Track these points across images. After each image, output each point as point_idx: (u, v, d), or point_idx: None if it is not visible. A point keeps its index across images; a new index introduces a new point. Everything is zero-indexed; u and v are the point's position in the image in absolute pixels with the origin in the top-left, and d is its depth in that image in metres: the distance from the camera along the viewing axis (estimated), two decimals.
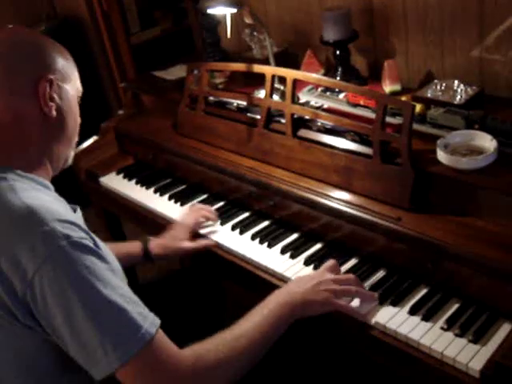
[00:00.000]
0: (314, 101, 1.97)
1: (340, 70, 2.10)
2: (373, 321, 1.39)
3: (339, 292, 1.42)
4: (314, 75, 1.87)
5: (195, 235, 1.83)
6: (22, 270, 1.12)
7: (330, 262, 1.51)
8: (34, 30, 1.40)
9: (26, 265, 1.12)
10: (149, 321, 1.17)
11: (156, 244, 1.79)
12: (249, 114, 1.97)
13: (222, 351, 1.23)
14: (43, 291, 1.12)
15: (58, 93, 1.29)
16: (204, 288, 1.88)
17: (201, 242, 1.80)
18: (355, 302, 1.44)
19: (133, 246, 1.79)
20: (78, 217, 1.34)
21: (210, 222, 1.86)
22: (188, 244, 1.79)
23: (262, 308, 1.36)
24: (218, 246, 1.78)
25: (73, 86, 1.35)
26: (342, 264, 1.58)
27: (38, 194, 1.22)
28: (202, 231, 1.84)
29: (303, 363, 1.91)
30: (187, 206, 1.95)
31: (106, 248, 1.30)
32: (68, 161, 1.42)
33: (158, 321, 1.19)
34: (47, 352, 1.22)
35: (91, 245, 1.18)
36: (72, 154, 1.42)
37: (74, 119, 1.36)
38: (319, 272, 1.49)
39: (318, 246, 1.68)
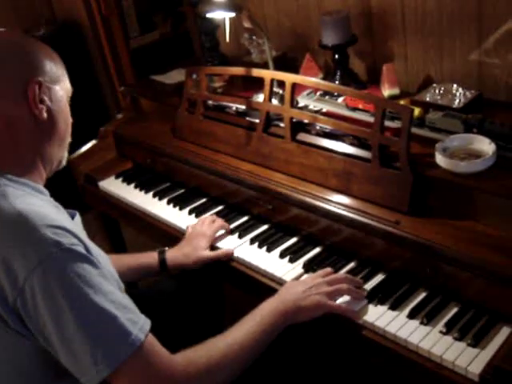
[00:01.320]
0: (313, 105, 1.97)
1: (339, 73, 2.10)
2: (372, 324, 1.39)
3: (330, 293, 1.43)
4: (313, 79, 1.87)
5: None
6: (14, 276, 1.12)
7: (325, 269, 1.54)
8: (22, 34, 1.40)
9: (17, 271, 1.12)
10: (138, 326, 1.17)
11: (174, 254, 1.76)
12: (248, 118, 1.97)
13: (214, 357, 1.24)
14: (34, 298, 1.12)
15: (47, 95, 1.28)
16: (203, 291, 1.88)
17: (221, 251, 1.76)
18: (345, 301, 1.45)
19: (148, 257, 1.76)
20: (76, 223, 1.33)
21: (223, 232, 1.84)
22: (209, 253, 1.75)
23: (255, 315, 1.37)
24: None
25: (62, 87, 1.34)
26: (340, 268, 1.59)
27: (30, 199, 1.22)
28: (219, 243, 1.81)
29: (300, 366, 1.91)
30: (201, 218, 1.91)
31: (98, 252, 1.30)
32: (62, 162, 1.41)
33: (147, 325, 1.19)
34: (38, 359, 1.21)
35: (82, 251, 1.18)
36: (65, 155, 1.41)
37: (65, 120, 1.35)
38: (311, 277, 1.51)
39: (317, 250, 1.68)
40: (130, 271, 1.71)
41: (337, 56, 2.09)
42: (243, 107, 2.00)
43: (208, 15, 2.04)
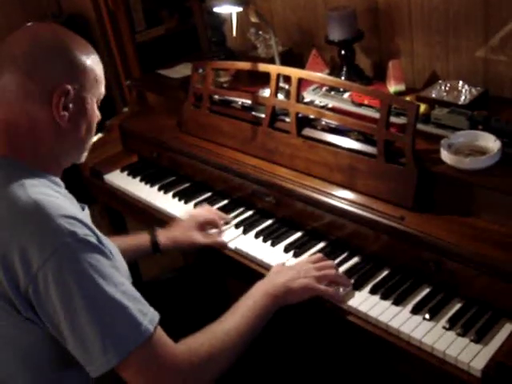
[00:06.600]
0: (319, 100, 1.97)
1: (345, 69, 2.10)
2: (375, 319, 1.40)
3: (319, 277, 1.48)
4: (319, 74, 1.87)
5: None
6: (28, 263, 1.14)
7: (316, 255, 1.59)
8: (61, 29, 1.33)
9: (32, 259, 1.13)
10: (148, 318, 1.19)
11: (165, 236, 1.79)
12: (253, 113, 1.97)
13: (215, 345, 1.27)
14: (46, 286, 1.14)
15: (74, 102, 1.28)
16: (207, 285, 1.89)
17: (213, 238, 1.79)
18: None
19: (141, 239, 1.79)
20: (85, 215, 1.35)
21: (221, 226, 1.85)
22: (200, 238, 1.77)
23: (247, 300, 1.41)
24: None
25: (94, 93, 1.34)
26: (344, 262, 1.60)
27: (46, 190, 1.24)
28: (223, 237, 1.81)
29: (302, 363, 1.92)
30: (199, 207, 1.95)
31: (110, 244, 1.31)
32: (81, 159, 1.42)
33: (157, 317, 1.22)
34: (47, 347, 1.23)
35: (95, 241, 1.20)
36: (85, 153, 1.42)
37: (88, 125, 1.35)
38: (301, 262, 1.56)
39: (321, 244, 1.69)
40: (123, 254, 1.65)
41: (343, 52, 2.09)
42: (249, 102, 2.01)
43: (215, 9, 2.05)
